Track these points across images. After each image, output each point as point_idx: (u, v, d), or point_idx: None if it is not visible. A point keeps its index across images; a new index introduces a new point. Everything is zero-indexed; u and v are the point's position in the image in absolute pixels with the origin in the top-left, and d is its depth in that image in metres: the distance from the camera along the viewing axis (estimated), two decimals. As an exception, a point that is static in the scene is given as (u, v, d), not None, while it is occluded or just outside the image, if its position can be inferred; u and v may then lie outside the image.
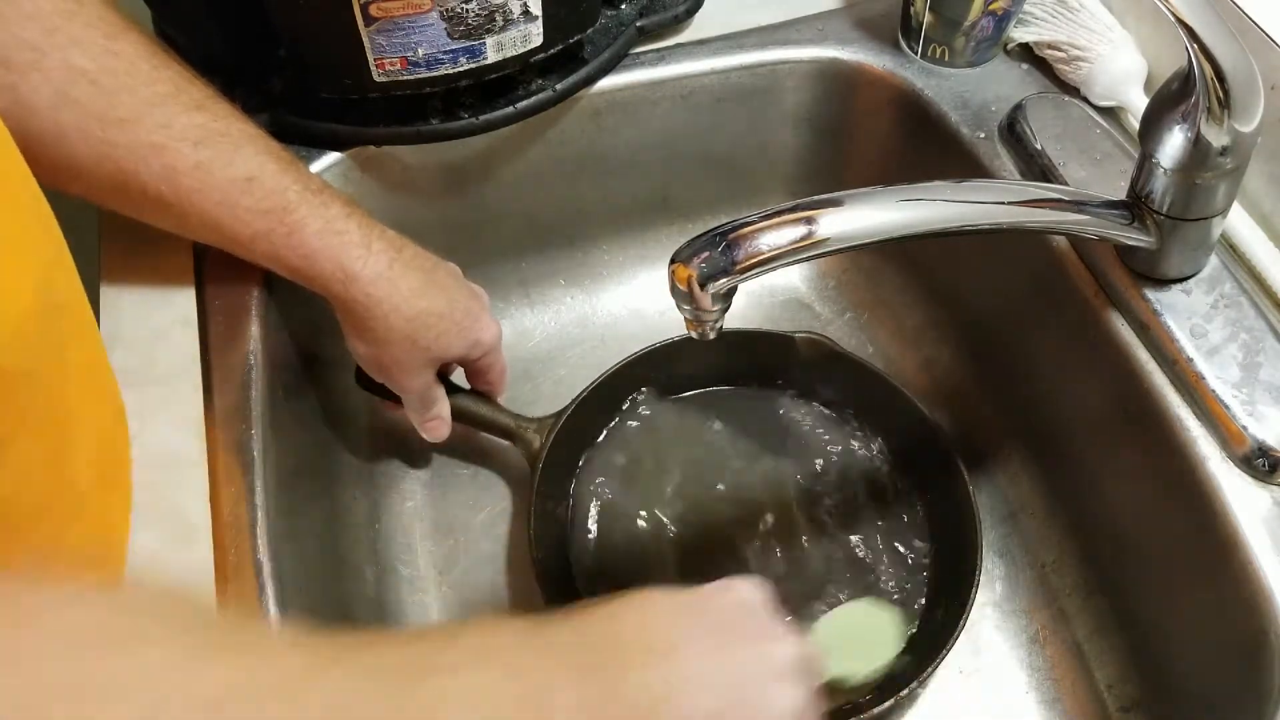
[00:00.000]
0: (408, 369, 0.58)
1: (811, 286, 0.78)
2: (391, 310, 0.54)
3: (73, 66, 0.45)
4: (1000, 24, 0.65)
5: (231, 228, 0.51)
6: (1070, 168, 0.59)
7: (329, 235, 0.52)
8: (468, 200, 0.70)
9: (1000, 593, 0.64)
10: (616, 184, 0.73)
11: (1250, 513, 0.48)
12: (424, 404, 0.61)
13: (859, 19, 0.70)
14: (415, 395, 0.60)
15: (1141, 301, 0.53)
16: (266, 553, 0.46)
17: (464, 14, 0.56)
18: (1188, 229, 0.50)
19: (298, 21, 0.56)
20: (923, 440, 0.65)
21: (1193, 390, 0.51)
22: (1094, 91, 0.63)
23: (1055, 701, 0.60)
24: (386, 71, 0.57)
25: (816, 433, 0.68)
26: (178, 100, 0.48)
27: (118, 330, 0.53)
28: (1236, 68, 0.43)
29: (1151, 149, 0.47)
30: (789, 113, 0.72)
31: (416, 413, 0.61)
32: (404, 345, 0.56)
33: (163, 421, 0.49)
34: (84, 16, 0.46)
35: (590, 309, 0.77)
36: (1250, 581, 0.47)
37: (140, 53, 0.48)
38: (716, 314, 0.45)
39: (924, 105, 0.66)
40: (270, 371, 0.54)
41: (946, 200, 0.46)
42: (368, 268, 0.53)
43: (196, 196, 0.49)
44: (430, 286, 0.56)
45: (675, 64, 0.68)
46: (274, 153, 0.51)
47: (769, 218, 0.43)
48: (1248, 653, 0.47)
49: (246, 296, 0.56)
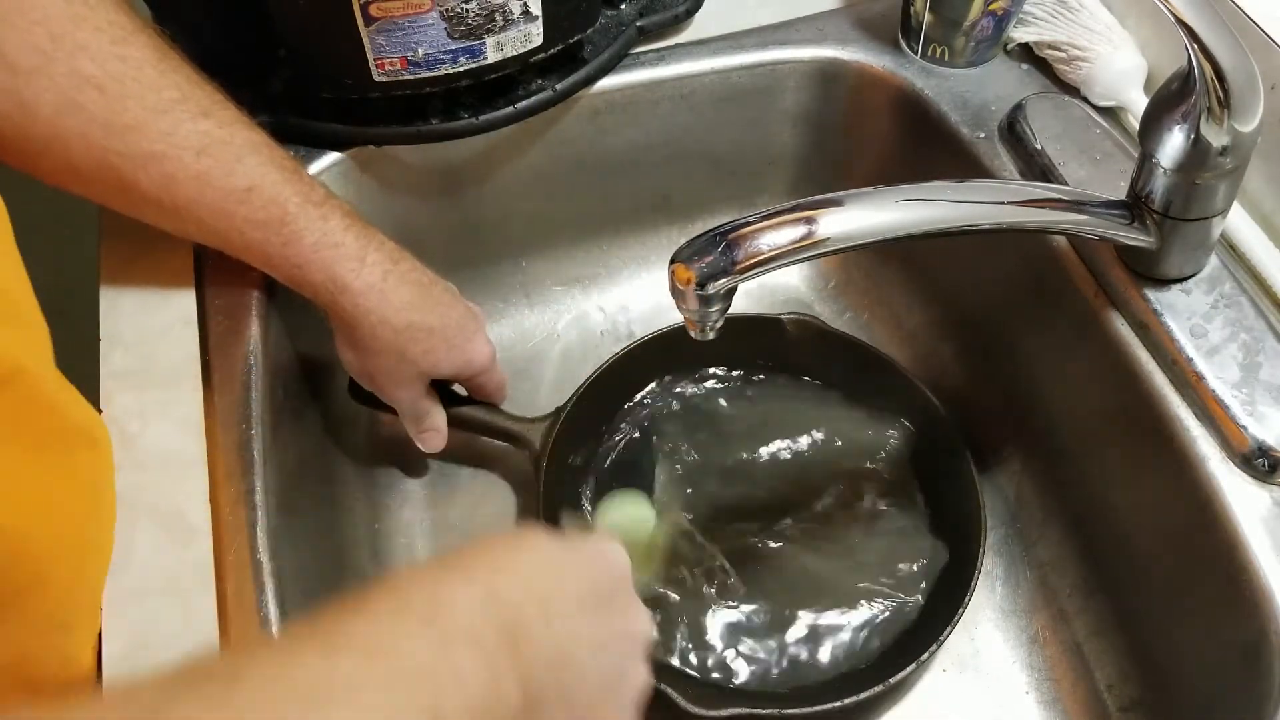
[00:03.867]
0: (396, 381, 0.57)
1: (811, 286, 0.78)
2: (380, 322, 0.54)
3: (79, 72, 0.45)
4: (1000, 24, 0.65)
5: (228, 236, 0.51)
6: (1070, 168, 0.59)
7: (324, 248, 0.52)
8: (468, 200, 0.70)
9: (1000, 593, 0.64)
10: (616, 184, 0.73)
11: (1250, 513, 0.48)
12: (415, 416, 0.61)
13: (859, 19, 0.70)
14: (405, 407, 0.60)
15: (1141, 301, 0.53)
16: (266, 553, 0.46)
17: (464, 14, 0.56)
18: (1188, 229, 0.50)
19: (298, 21, 0.56)
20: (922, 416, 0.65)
21: (1193, 390, 0.51)
22: (1094, 91, 0.63)
23: (1055, 701, 0.60)
24: (386, 71, 0.57)
25: (814, 414, 0.69)
26: (184, 107, 0.48)
27: (118, 330, 0.53)
28: (1236, 68, 0.43)
29: (1151, 149, 0.47)
30: (789, 113, 0.72)
31: (410, 425, 0.61)
32: (391, 357, 0.56)
33: (163, 421, 0.49)
34: (93, 21, 0.46)
35: (590, 309, 0.77)
36: (1250, 581, 0.47)
37: (148, 57, 0.47)
38: (716, 314, 0.45)
39: (924, 105, 0.66)
40: (270, 372, 0.54)
41: (946, 200, 0.46)
42: (359, 279, 0.53)
43: (195, 206, 0.49)
44: (424, 301, 0.56)
45: (675, 64, 0.68)
46: (277, 162, 0.51)
47: (769, 218, 0.43)
48: (1248, 653, 0.47)
49: (246, 296, 0.56)
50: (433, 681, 0.29)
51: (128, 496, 0.47)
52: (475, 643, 0.31)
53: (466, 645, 0.30)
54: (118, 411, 0.50)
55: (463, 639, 0.30)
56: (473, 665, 0.30)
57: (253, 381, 0.52)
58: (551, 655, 0.34)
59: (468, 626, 0.31)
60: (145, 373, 0.51)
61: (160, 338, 0.53)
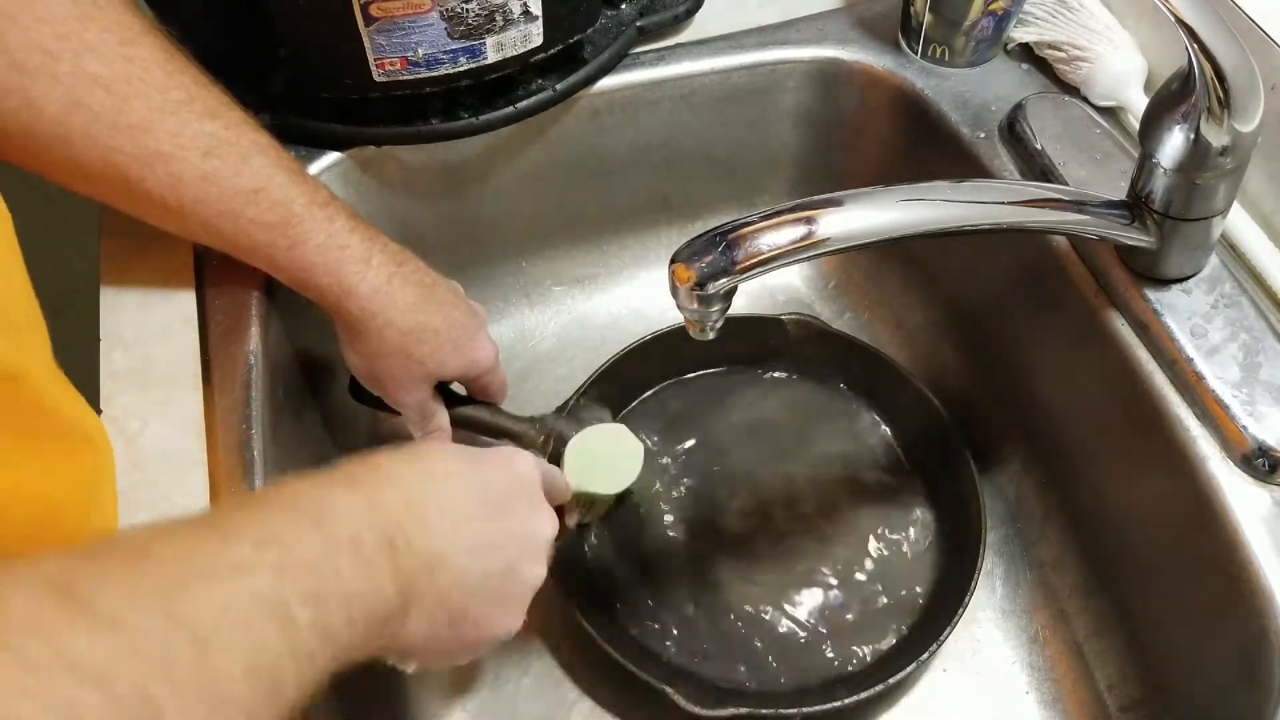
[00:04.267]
0: (402, 383, 0.57)
1: (811, 286, 0.79)
2: (386, 324, 0.54)
3: (85, 72, 0.45)
4: (1000, 24, 0.65)
5: (234, 238, 0.51)
6: (1070, 168, 0.59)
7: (330, 250, 0.52)
8: (468, 200, 0.70)
9: (1000, 593, 0.64)
10: (616, 184, 0.73)
11: (1250, 513, 0.48)
12: (422, 418, 0.61)
13: (859, 19, 0.70)
14: (412, 410, 0.60)
15: (1141, 301, 0.53)
16: (266, 553, 0.46)
17: (464, 14, 0.56)
18: (1188, 229, 0.50)
19: (298, 21, 0.56)
20: (922, 416, 0.65)
21: (1193, 390, 0.51)
22: (1094, 91, 0.63)
23: (1055, 701, 0.60)
24: (387, 71, 0.57)
25: (818, 414, 0.69)
26: (190, 108, 0.48)
27: (118, 330, 0.53)
28: (1236, 68, 0.43)
29: (1151, 149, 0.47)
30: (789, 113, 0.72)
31: (415, 426, 0.61)
32: (398, 359, 0.56)
33: (163, 421, 0.49)
34: (101, 21, 0.46)
35: (590, 309, 0.77)
36: (1250, 581, 0.47)
37: (156, 58, 0.47)
38: (716, 314, 0.45)
39: (924, 105, 0.66)
40: (270, 371, 0.54)
41: (946, 200, 0.46)
42: (365, 282, 0.53)
43: (201, 206, 0.49)
44: (428, 302, 0.56)
45: (675, 64, 0.68)
46: (283, 164, 0.51)
47: (769, 218, 0.43)
48: (1248, 652, 0.47)
49: (246, 296, 0.56)
50: (317, 574, 0.32)
51: (128, 496, 0.47)
52: (356, 547, 0.34)
53: (348, 547, 0.34)
54: (118, 411, 0.50)
55: (345, 541, 0.34)
56: (352, 566, 0.33)
57: (253, 381, 0.52)
58: (427, 561, 0.38)
59: (350, 532, 0.34)
60: (145, 372, 0.51)
61: (160, 337, 0.53)
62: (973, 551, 0.59)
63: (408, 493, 0.38)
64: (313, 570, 0.32)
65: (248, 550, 0.30)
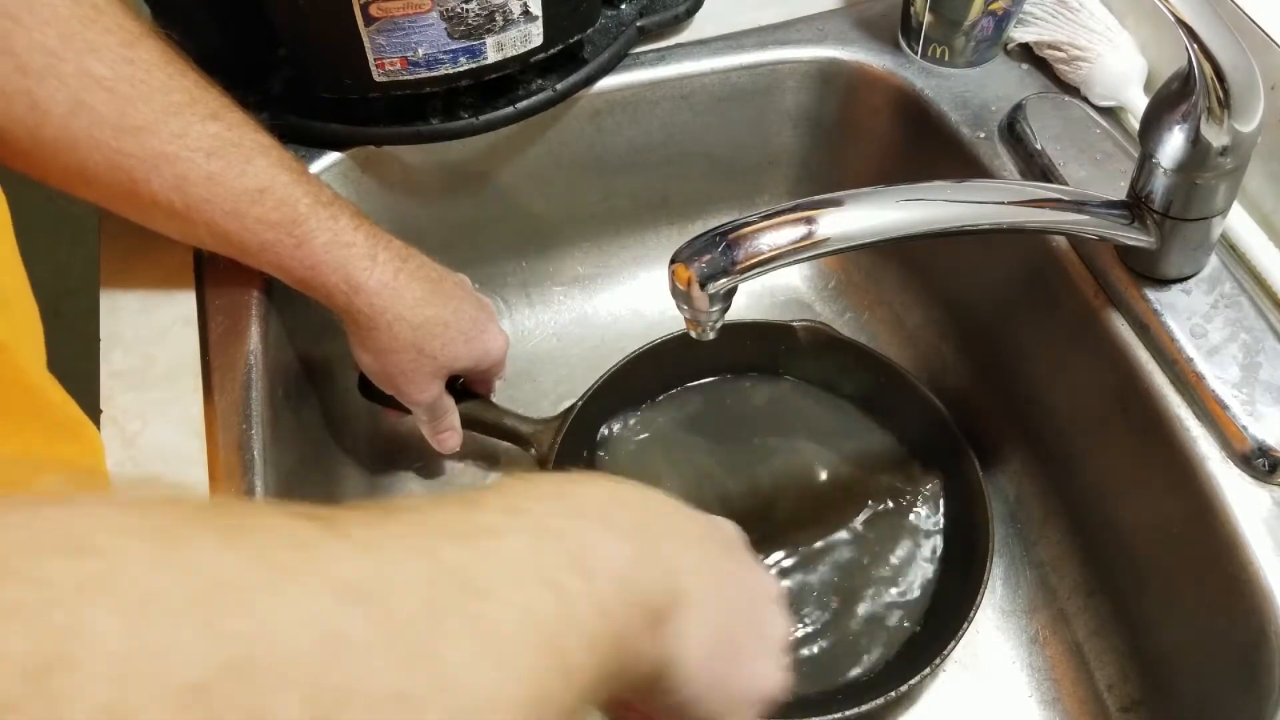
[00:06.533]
0: (415, 379, 0.57)
1: (811, 286, 0.78)
2: (396, 319, 0.54)
3: (89, 73, 0.45)
4: (1000, 24, 0.65)
5: (240, 238, 0.51)
6: (1070, 168, 0.59)
7: (336, 247, 0.52)
8: (468, 200, 0.70)
9: (1000, 593, 0.64)
10: (616, 184, 0.73)
11: (1250, 513, 0.48)
12: (434, 415, 0.60)
13: (859, 19, 0.70)
14: (424, 407, 0.60)
15: (1141, 301, 0.53)
16: (266, 553, 0.46)
17: (464, 14, 0.56)
18: (1188, 229, 0.50)
19: (298, 21, 0.56)
20: (930, 423, 0.65)
21: (1193, 390, 0.51)
22: (1094, 91, 0.63)
23: (1055, 702, 0.60)
24: (386, 71, 0.57)
25: (823, 421, 0.69)
26: (193, 109, 0.48)
27: (118, 330, 0.53)
28: (1236, 68, 0.43)
29: (1151, 149, 0.47)
30: (789, 113, 0.72)
31: (427, 425, 0.61)
32: (410, 354, 0.56)
33: (163, 421, 0.49)
34: (102, 23, 0.46)
35: (590, 309, 0.77)
36: (1250, 581, 0.47)
37: (157, 60, 0.47)
38: (716, 314, 0.45)
39: (924, 105, 0.66)
40: (270, 372, 0.54)
41: (946, 200, 0.46)
42: (373, 278, 0.53)
43: (206, 206, 0.49)
44: (436, 296, 0.56)
45: (675, 64, 0.68)
46: (286, 164, 0.51)
47: (769, 218, 0.43)
48: (1248, 652, 0.47)
49: (246, 296, 0.56)
50: (575, 539, 0.28)
51: (128, 496, 0.47)
52: (608, 523, 0.30)
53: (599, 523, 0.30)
54: (118, 411, 0.50)
55: (596, 518, 0.30)
56: (610, 543, 0.29)
57: (253, 381, 0.52)
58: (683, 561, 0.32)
59: (599, 510, 0.31)
60: (145, 373, 0.51)
61: (160, 338, 0.53)
62: (979, 566, 0.58)
63: (646, 493, 0.34)
64: (572, 535, 0.28)
65: (498, 516, 0.28)
